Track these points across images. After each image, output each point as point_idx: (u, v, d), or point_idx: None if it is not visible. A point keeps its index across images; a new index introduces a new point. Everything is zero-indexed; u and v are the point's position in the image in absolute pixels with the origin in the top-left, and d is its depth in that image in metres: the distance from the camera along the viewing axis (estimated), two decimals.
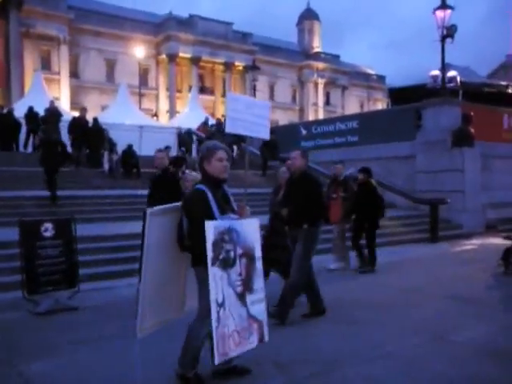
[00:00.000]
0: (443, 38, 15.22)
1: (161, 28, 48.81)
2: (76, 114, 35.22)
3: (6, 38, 38.22)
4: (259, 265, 3.77)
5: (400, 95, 18.74)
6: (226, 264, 3.43)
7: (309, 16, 64.87)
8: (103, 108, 37.32)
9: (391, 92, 21.02)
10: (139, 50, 39.21)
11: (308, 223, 5.50)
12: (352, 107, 61.93)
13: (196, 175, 5.79)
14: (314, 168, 16.95)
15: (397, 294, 7.14)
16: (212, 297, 3.31)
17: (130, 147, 15.88)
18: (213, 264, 3.32)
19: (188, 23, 49.66)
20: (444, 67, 15.64)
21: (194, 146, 21.38)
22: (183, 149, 19.80)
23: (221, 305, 3.36)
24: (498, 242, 12.36)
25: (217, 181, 3.72)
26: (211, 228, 3.33)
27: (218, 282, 3.36)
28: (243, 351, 3.62)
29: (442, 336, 5.10)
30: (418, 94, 16.58)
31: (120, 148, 16.39)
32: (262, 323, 3.76)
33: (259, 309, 3.73)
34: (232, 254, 3.49)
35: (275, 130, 22.90)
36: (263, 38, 56.10)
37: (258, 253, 3.76)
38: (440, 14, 15.29)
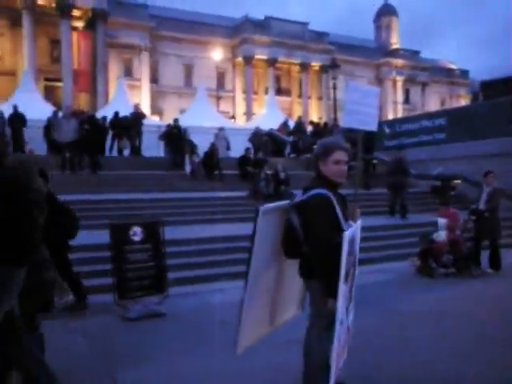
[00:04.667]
0: None
1: (237, 31, 49.25)
2: (156, 118, 36.69)
3: (93, 49, 40.09)
4: (357, 269, 3.44)
5: (493, 88, 17.51)
6: (347, 278, 3.04)
7: (386, 12, 63.07)
8: (182, 111, 38.14)
9: (483, 85, 19.73)
10: (216, 54, 39.70)
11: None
12: (433, 104, 59.47)
13: None
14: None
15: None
16: (338, 316, 2.90)
17: (212, 148, 15.90)
18: (345, 280, 2.91)
19: (263, 25, 49.74)
20: None
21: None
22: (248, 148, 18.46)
23: (341, 322, 2.99)
24: None
25: (333, 184, 3.27)
26: (346, 240, 2.86)
27: (344, 300, 2.99)
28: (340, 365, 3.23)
29: None
30: None
31: (201, 150, 16.49)
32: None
33: (351, 317, 3.44)
34: (351, 265, 3.14)
35: (353, 128, 22.23)
36: (339, 36, 55.10)
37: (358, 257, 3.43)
38: None
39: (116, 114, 18.14)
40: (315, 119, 40.04)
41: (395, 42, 61.75)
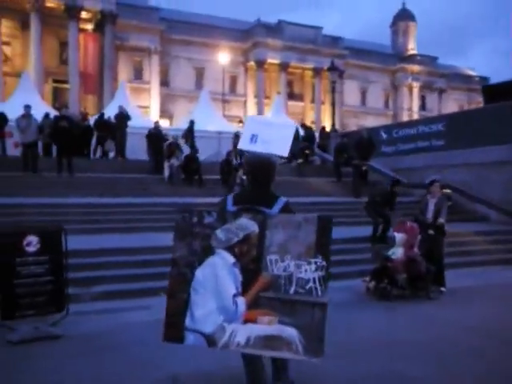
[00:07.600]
0: None
1: (249, 35, 48.69)
2: (166, 122, 36.20)
3: (101, 51, 39.90)
4: None
5: (496, 92, 16.34)
6: None
7: (404, 17, 61.81)
8: None
9: (485, 89, 18.55)
10: (224, 57, 39.30)
11: None
12: (450, 111, 57.92)
13: None
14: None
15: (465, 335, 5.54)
16: None
17: (192, 152, 15.12)
18: None
19: (276, 29, 49.13)
20: None
21: None
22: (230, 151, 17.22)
23: None
24: None
25: None
26: None
27: None
28: None
29: None
30: None
31: (202, 155, 15.95)
32: None
33: None
34: None
35: (348, 133, 21.39)
36: (354, 41, 54.15)
37: None
38: None
39: (101, 115, 17.59)
40: (328, 125, 38.96)
41: (412, 48, 60.41)
